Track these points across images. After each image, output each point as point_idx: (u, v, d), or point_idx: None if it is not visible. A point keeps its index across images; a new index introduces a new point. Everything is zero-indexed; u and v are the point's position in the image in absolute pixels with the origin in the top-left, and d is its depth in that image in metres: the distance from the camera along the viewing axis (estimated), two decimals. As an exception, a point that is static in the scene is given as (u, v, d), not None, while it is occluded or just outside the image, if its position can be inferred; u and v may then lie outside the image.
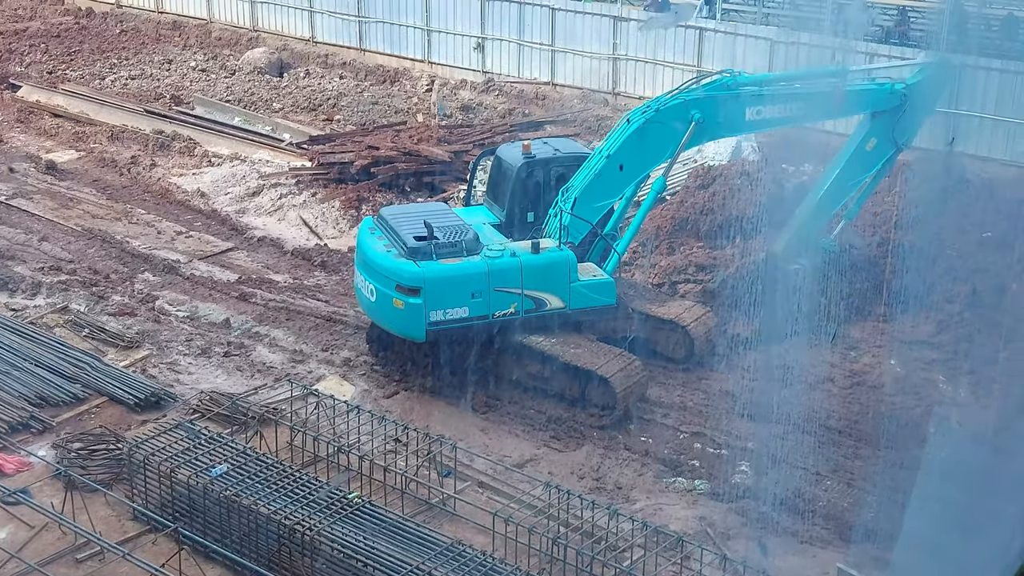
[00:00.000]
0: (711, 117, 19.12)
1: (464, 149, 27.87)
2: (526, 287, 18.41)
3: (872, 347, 20.60)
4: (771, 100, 19.57)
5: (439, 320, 18.20)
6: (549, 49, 32.43)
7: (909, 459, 16.28)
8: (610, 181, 19.15)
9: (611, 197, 19.39)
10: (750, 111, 19.45)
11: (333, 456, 16.70)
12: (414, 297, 18.11)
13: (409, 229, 18.75)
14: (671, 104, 19.15)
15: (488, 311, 18.39)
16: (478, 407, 18.74)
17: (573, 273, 18.73)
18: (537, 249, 18.57)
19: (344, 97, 33.28)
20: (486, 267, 18.28)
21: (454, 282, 18.18)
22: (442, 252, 18.28)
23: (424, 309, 18.11)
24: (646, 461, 17.60)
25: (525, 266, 18.38)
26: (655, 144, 19.19)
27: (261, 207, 26.80)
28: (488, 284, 18.26)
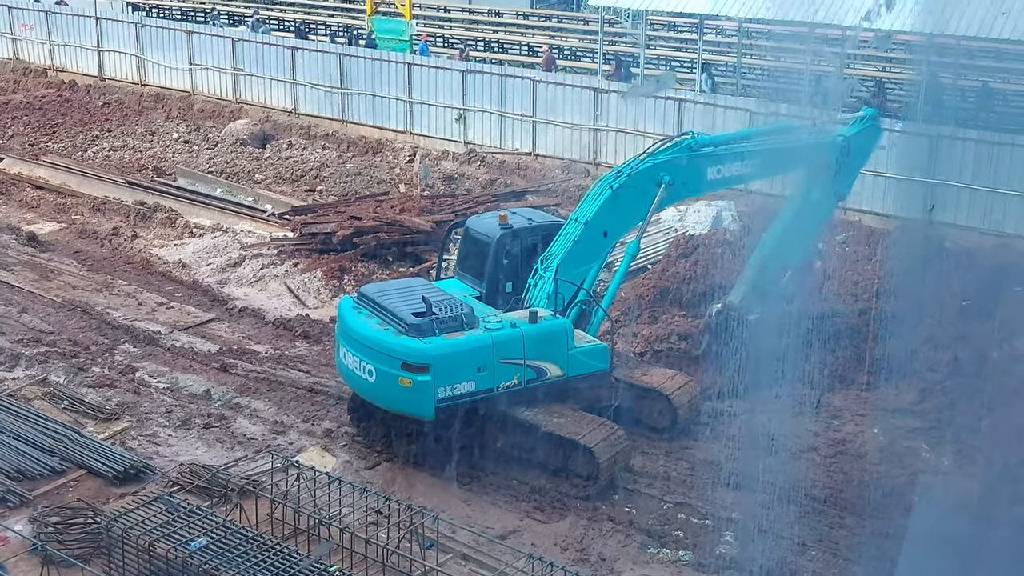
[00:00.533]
0: (678, 178, 19.78)
1: (446, 219, 27.96)
2: (528, 357, 18.37)
3: (855, 415, 20.60)
4: (729, 159, 20.42)
5: (448, 396, 17.90)
6: (530, 120, 32.72)
7: (894, 528, 16.22)
8: (590, 246, 19.39)
9: (591, 262, 19.61)
10: (711, 170, 20.24)
11: (314, 528, 16.52)
12: (423, 375, 17.71)
13: (402, 305, 18.48)
14: (642, 168, 19.67)
15: (493, 384, 18.24)
16: (461, 478, 18.61)
17: (570, 340, 18.76)
18: (535, 318, 18.56)
19: (326, 168, 33.43)
20: (491, 339, 18.17)
21: (461, 357, 17.95)
22: (443, 327, 18.07)
23: (433, 386, 17.76)
24: (630, 532, 17.47)
25: (527, 336, 18.35)
26: (629, 207, 19.66)
27: (243, 278, 26.78)
28: (493, 356, 18.14)
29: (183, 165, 33.89)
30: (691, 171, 20.01)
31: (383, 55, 35.72)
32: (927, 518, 15.79)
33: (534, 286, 19.23)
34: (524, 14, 52.58)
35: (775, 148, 20.91)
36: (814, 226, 21.79)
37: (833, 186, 21.32)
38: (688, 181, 20.10)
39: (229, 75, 38.06)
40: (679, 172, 19.77)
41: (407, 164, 33.53)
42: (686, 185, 20.20)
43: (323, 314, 24.81)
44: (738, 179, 21.09)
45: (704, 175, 20.18)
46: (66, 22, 41.99)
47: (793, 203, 21.43)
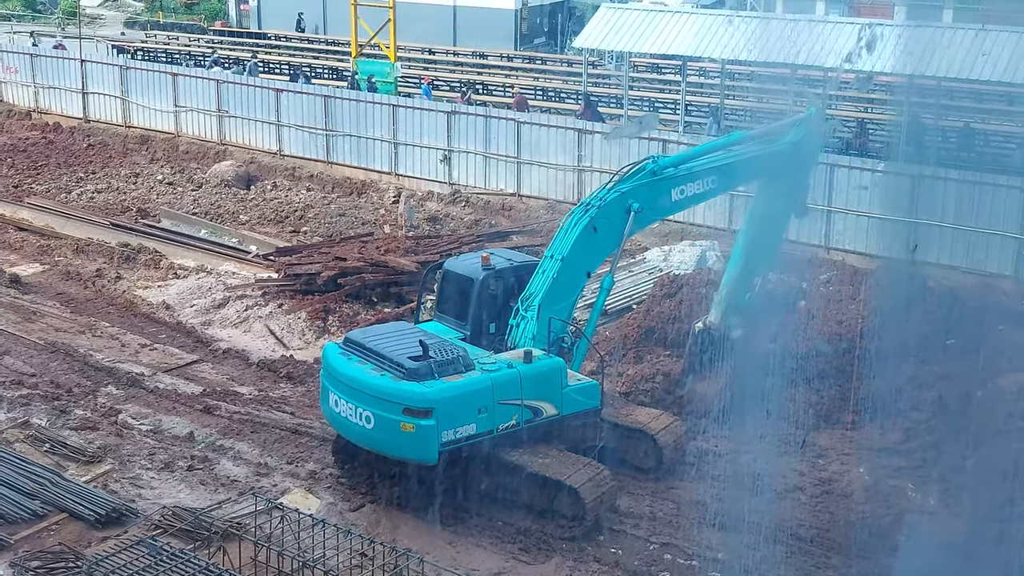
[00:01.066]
0: (646, 204, 19.92)
1: (431, 259, 27.95)
2: (525, 397, 18.34)
3: (840, 455, 20.58)
4: (691, 178, 20.47)
5: (450, 440, 17.71)
6: (515, 161, 32.85)
7: (880, 568, 16.17)
8: (568, 282, 19.46)
9: (570, 297, 19.67)
10: (675, 192, 20.34)
11: (298, 571, 16.39)
12: (426, 419, 17.48)
13: (395, 349, 18.30)
14: (611, 198, 19.76)
15: (493, 425, 18.15)
16: (445, 520, 18.51)
17: (564, 379, 18.75)
18: (530, 358, 18.52)
19: (311, 209, 33.46)
20: (490, 381, 18.09)
21: (463, 399, 17.83)
22: (442, 370, 17.92)
23: (437, 430, 17.56)
24: (616, 573, 17.37)
25: (524, 376, 18.32)
26: (602, 239, 19.77)
27: (227, 319, 26.72)
28: (493, 398, 18.08)
29: (167, 206, 33.88)
30: (655, 195, 20.12)
31: (368, 97, 35.88)
32: (914, 557, 15.75)
33: (516, 326, 19.22)
34: (508, 56, 52.94)
35: (727, 163, 20.95)
36: (778, 234, 21.93)
37: (790, 192, 21.44)
38: (653, 205, 20.23)
39: (214, 117, 38.15)
40: (646, 197, 19.92)
41: (392, 205, 33.59)
42: (652, 209, 20.34)
43: (307, 355, 24.74)
44: (700, 197, 21.06)
45: (668, 197, 20.32)
46: (51, 64, 42.08)
47: (754, 215, 21.74)
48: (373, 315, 26.37)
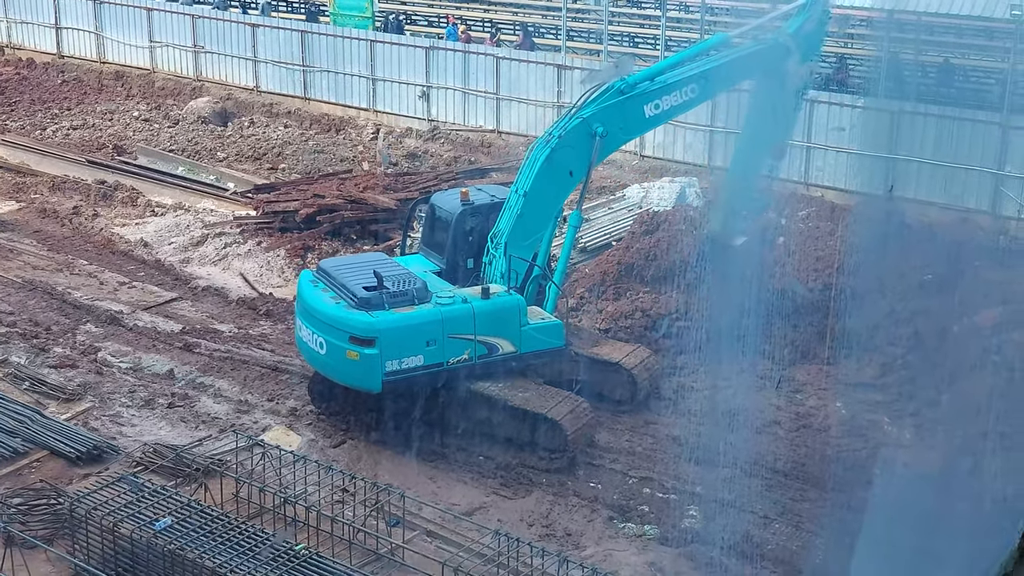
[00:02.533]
0: (613, 125, 19.33)
1: (410, 197, 27.87)
2: (479, 333, 18.38)
3: (817, 390, 20.75)
4: (667, 90, 19.64)
5: (395, 370, 17.98)
6: (494, 97, 32.64)
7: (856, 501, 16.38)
8: (534, 217, 19.23)
9: (538, 232, 19.40)
10: (648, 107, 19.61)
11: (279, 507, 16.50)
12: (369, 348, 17.85)
13: (355, 280, 18.55)
14: (572, 125, 19.27)
15: (443, 359, 18.28)
16: (426, 455, 18.63)
17: (523, 317, 18.75)
18: (487, 294, 18.56)
19: (289, 146, 33.24)
20: (440, 314, 18.21)
21: (409, 331, 18.03)
22: (393, 301, 18.13)
23: (380, 360, 17.85)
24: (595, 507, 17.55)
25: (477, 312, 18.36)
26: (565, 170, 19.35)
27: (205, 257, 26.62)
28: (442, 331, 18.18)
29: (144, 144, 33.59)
30: (626, 114, 19.45)
31: (345, 32, 35.51)
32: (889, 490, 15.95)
33: (488, 264, 19.21)
34: (487, -10, 52.32)
35: (711, 67, 20.05)
36: (780, 131, 21.12)
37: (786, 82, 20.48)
38: (625, 125, 19.65)
39: (190, 52, 37.71)
40: (612, 119, 19.30)
41: (371, 142, 33.40)
42: (624, 129, 19.76)
43: (287, 293, 24.70)
44: (681, 108, 20.23)
45: (641, 114, 19.59)
46: (23, -1, 41.49)
47: (753, 114, 20.99)
48: (352, 252, 26.32)
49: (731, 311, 19.62)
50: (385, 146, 32.23)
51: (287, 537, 15.59)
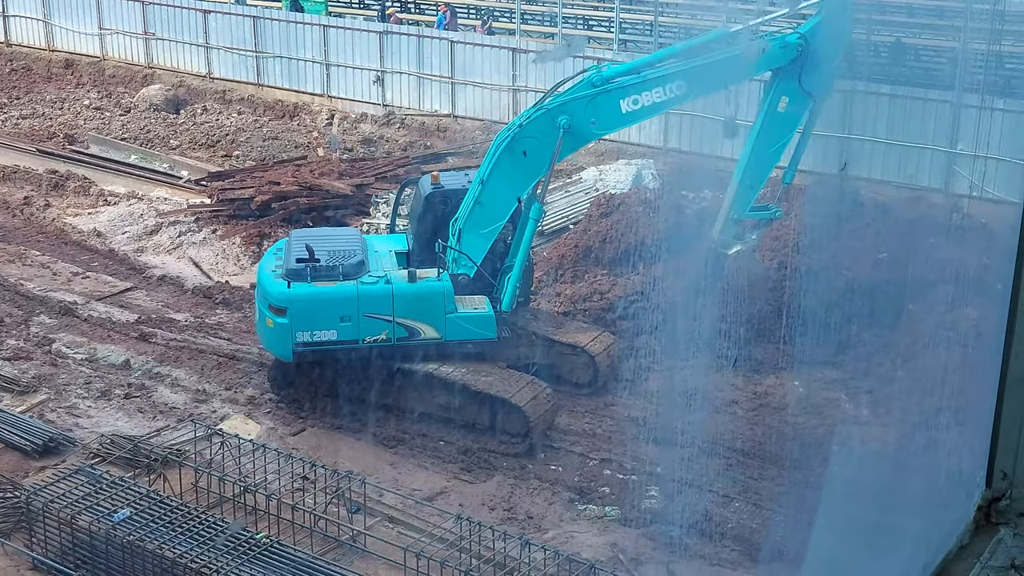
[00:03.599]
0: (580, 120, 18.49)
1: (366, 183, 27.79)
2: (399, 315, 18.38)
3: (775, 368, 20.89)
4: (646, 86, 18.63)
5: (306, 341, 18.37)
6: (449, 81, 32.53)
7: (814, 478, 16.50)
8: (492, 206, 18.95)
9: (496, 222, 19.06)
10: (625, 102, 18.64)
11: (239, 496, 16.42)
12: (281, 317, 18.36)
13: (299, 251, 18.82)
14: (536, 116, 18.72)
15: (358, 336, 18.39)
16: (386, 441, 18.60)
17: (449, 304, 18.60)
18: (414, 278, 18.55)
19: (243, 133, 32.99)
20: (356, 292, 18.30)
21: (320, 304, 18.30)
22: (318, 275, 18.40)
23: (291, 329, 18.29)
24: (556, 489, 17.60)
25: (397, 294, 18.38)
26: (528, 160, 18.75)
27: (160, 245, 26.39)
28: (358, 309, 18.29)
29: (95, 132, 33.21)
30: (600, 108, 18.54)
31: (298, 17, 35.24)
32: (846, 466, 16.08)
33: (450, 249, 19.15)
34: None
35: (708, 62, 18.86)
36: (782, 138, 19.92)
37: (802, 88, 19.16)
38: (599, 119, 18.74)
39: (140, 39, 37.29)
40: (580, 112, 18.46)
41: (325, 127, 33.21)
42: (598, 124, 18.88)
43: (243, 281, 24.55)
44: (663, 105, 19.15)
45: (616, 109, 18.63)
46: (-32, -14, 40.83)
47: (760, 115, 19.85)
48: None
49: (688, 292, 19.69)
50: (333, 131, 32.03)
51: (246, 525, 15.52)
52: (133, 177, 30.20)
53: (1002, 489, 2.20)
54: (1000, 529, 2.17)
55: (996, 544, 2.14)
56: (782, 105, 19.48)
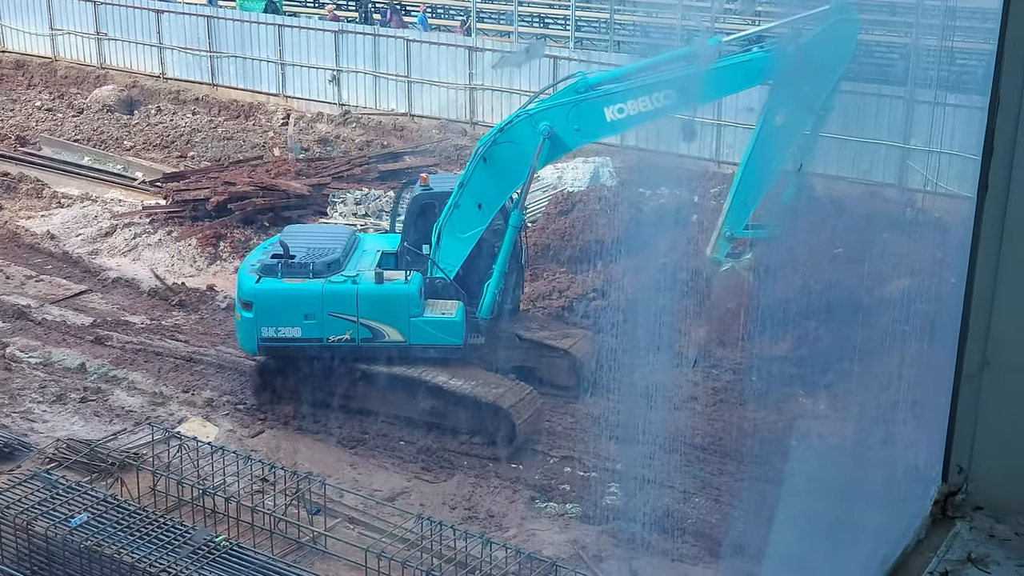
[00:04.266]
0: (562, 126, 18.12)
1: (323, 183, 27.66)
2: (363, 316, 18.36)
3: (733, 364, 21.00)
4: (633, 94, 18.09)
5: (271, 337, 18.50)
6: (405, 80, 32.44)
7: (773, 473, 16.61)
8: (470, 211, 18.77)
9: (475, 227, 18.80)
10: (610, 110, 18.12)
11: (198, 499, 16.30)
12: (247, 311, 18.56)
13: (279, 248, 19.02)
14: (517, 122, 18.51)
15: (322, 335, 18.39)
16: (346, 441, 18.54)
17: (414, 308, 18.48)
18: (380, 279, 18.47)
19: (197, 133, 32.75)
20: (320, 290, 18.31)
21: (285, 301, 18.36)
22: (289, 272, 18.45)
23: (256, 324, 18.42)
24: (517, 488, 17.61)
25: (361, 295, 18.36)
26: (506, 167, 18.51)
27: (115, 247, 26.16)
28: (322, 308, 18.29)
29: (47, 134, 32.86)
30: (583, 115, 18.12)
31: (252, 16, 35.04)
32: (805, 461, 16.19)
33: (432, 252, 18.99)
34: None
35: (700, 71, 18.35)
36: (779, 154, 19.30)
37: (803, 103, 18.53)
38: (582, 127, 18.28)
39: (92, 39, 36.94)
40: (562, 119, 18.12)
41: (281, 127, 33.04)
42: (581, 131, 18.42)
43: (199, 282, 24.39)
44: (650, 115, 18.36)
45: (600, 117, 18.13)
46: (-84, -13, 40.26)
47: (756, 129, 19.34)
48: (264, 240, 26.05)
49: (648, 290, 19.75)
50: (294, 135, 31.88)
51: (207, 533, 15.42)
52: (87, 179, 29.93)
53: (958, 483, 2.22)
54: (956, 523, 2.18)
55: (953, 538, 2.16)
56: (779, 120, 18.83)
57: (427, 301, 18.80)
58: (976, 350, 2.19)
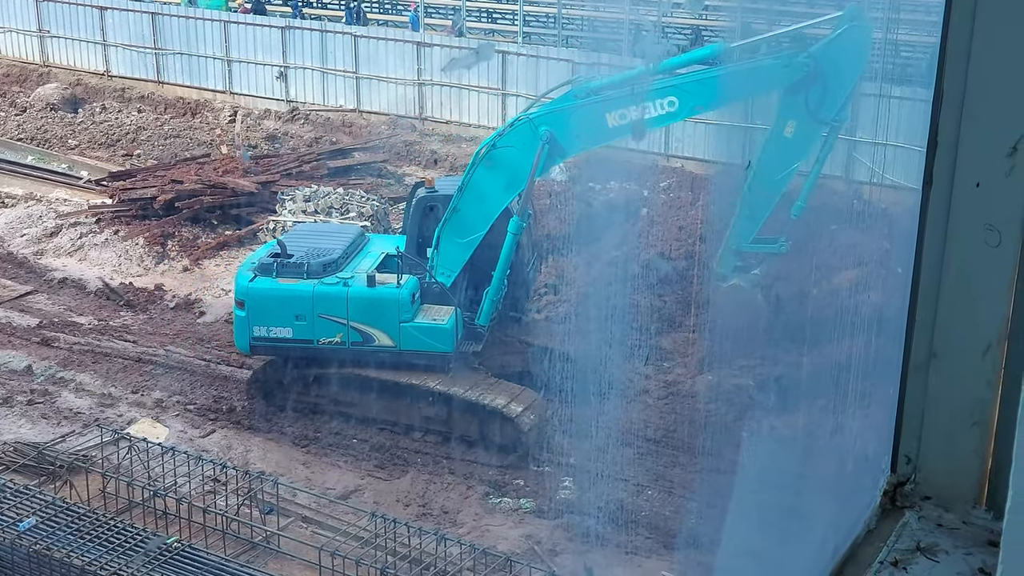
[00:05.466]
0: (562, 131, 17.64)
1: (271, 180, 27.48)
2: (353, 319, 18.20)
3: (684, 357, 21.11)
4: (635, 100, 17.55)
5: (262, 336, 18.40)
6: (353, 76, 32.31)
7: (725, 464, 16.73)
8: (470, 215, 18.24)
9: (475, 232, 18.29)
10: (612, 116, 17.60)
11: (149, 501, 16.16)
12: (240, 310, 18.57)
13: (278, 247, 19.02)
14: (517, 126, 18.07)
15: (312, 336, 18.25)
16: (298, 440, 18.45)
17: (404, 313, 18.25)
18: (372, 283, 18.23)
19: (144, 131, 32.43)
20: (311, 292, 18.14)
21: (276, 301, 18.20)
22: (284, 272, 18.30)
23: (248, 323, 18.33)
24: (471, 483, 17.60)
25: (352, 298, 18.19)
26: (506, 172, 18.04)
27: (61, 248, 25.84)
28: (312, 309, 18.13)
29: (-10, 133, 32.43)
30: (585, 121, 17.59)
31: (197, 13, 34.73)
32: (756, 453, 16.32)
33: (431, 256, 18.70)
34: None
35: (707, 77, 17.85)
36: (787, 166, 18.55)
37: (811, 112, 17.80)
38: (582, 133, 17.80)
39: (35, 37, 36.46)
40: (563, 123, 17.59)
41: (228, 124, 32.79)
42: (581, 137, 17.93)
43: (147, 282, 24.16)
44: (654, 122, 18.06)
45: (602, 123, 17.57)
46: None
47: (768, 144, 18.66)
48: (214, 238, 25.86)
49: (598, 284, 19.79)
50: (242, 133, 31.65)
51: (161, 541, 15.29)
52: (31, 178, 29.55)
53: (906, 474, 2.24)
54: (905, 513, 2.21)
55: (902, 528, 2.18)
56: (788, 130, 18.12)
57: (423, 307, 18.47)
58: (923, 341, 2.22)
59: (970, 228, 2.10)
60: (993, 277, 2.10)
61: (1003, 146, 2.04)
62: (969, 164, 2.07)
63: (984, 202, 2.08)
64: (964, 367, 2.16)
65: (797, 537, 4.49)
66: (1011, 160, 2.04)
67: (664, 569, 15.27)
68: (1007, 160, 2.04)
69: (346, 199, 25.01)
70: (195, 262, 25.03)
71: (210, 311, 22.92)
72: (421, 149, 29.87)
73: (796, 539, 4.48)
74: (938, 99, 2.06)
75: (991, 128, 2.05)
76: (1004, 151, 2.04)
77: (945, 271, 2.13)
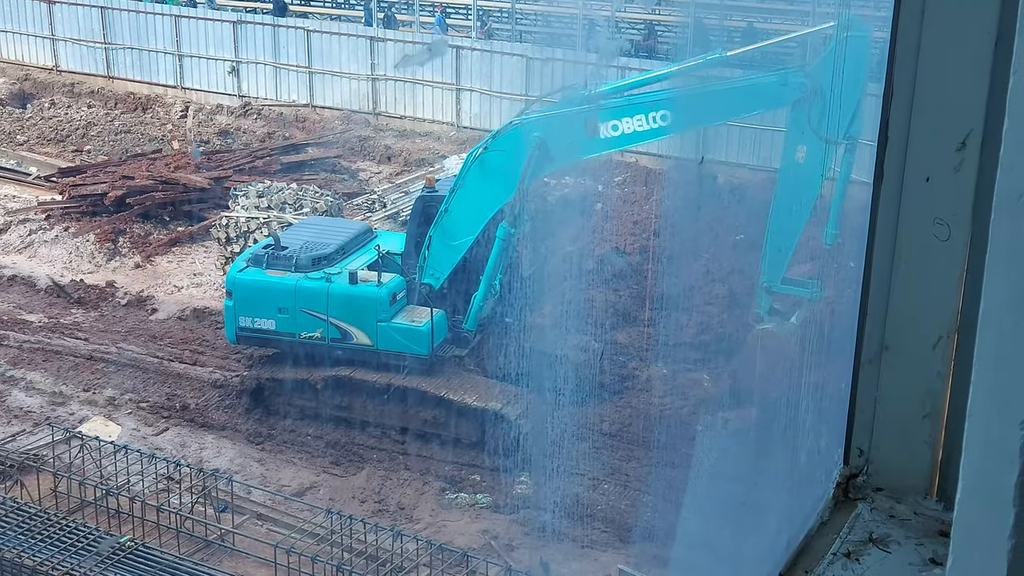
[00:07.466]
0: (555, 138, 17.26)
1: (224, 175, 27.30)
2: (332, 316, 18.21)
3: (639, 351, 21.19)
4: (628, 111, 17.18)
5: (247, 327, 18.59)
6: (306, 71, 32.15)
7: (680, 458, 16.83)
8: (459, 218, 18.10)
9: (465, 236, 18.16)
10: (604, 127, 17.20)
11: (101, 500, 16.01)
12: (228, 299, 18.78)
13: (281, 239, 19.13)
14: (508, 131, 17.77)
15: (295, 330, 18.34)
16: (252, 438, 18.36)
17: (382, 313, 18.21)
18: (354, 280, 18.15)
19: (93, 127, 32.10)
20: (294, 285, 18.19)
21: (259, 293, 18.33)
22: (274, 264, 18.39)
23: (235, 312, 18.52)
24: (427, 479, 17.58)
25: (332, 294, 18.16)
26: (497, 176, 17.75)
27: (9, 245, 25.54)
28: (294, 303, 18.18)
29: (-63, 128, 31.98)
30: (577, 129, 17.29)
31: (148, 7, 34.40)
32: (711, 446, 16.42)
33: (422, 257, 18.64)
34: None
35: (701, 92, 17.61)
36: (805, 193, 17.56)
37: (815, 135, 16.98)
38: (575, 140, 17.43)
39: (-18, 31, 35.99)
40: (557, 131, 17.26)
41: (179, 120, 32.52)
42: (572, 146, 17.56)
43: (99, 278, 23.92)
44: (647, 135, 17.51)
45: (595, 133, 17.22)
46: None
47: (781, 175, 17.87)
48: (166, 234, 25.65)
49: (553, 279, 19.83)
50: (193, 129, 31.40)
51: (114, 541, 15.16)
52: (-21, 175, 29.17)
53: (859, 466, 2.26)
54: (858, 504, 2.23)
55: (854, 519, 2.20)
56: (799, 155, 17.27)
57: (407, 308, 18.41)
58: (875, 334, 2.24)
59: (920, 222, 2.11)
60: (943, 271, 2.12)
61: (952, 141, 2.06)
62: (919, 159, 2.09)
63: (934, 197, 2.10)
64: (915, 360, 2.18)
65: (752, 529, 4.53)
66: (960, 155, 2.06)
67: (620, 563, 15.32)
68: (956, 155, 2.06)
69: (300, 195, 24.89)
70: (147, 259, 24.82)
71: (162, 308, 22.74)
72: (375, 144, 29.77)
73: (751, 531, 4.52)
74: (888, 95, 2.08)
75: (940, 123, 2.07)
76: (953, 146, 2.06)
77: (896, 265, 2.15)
